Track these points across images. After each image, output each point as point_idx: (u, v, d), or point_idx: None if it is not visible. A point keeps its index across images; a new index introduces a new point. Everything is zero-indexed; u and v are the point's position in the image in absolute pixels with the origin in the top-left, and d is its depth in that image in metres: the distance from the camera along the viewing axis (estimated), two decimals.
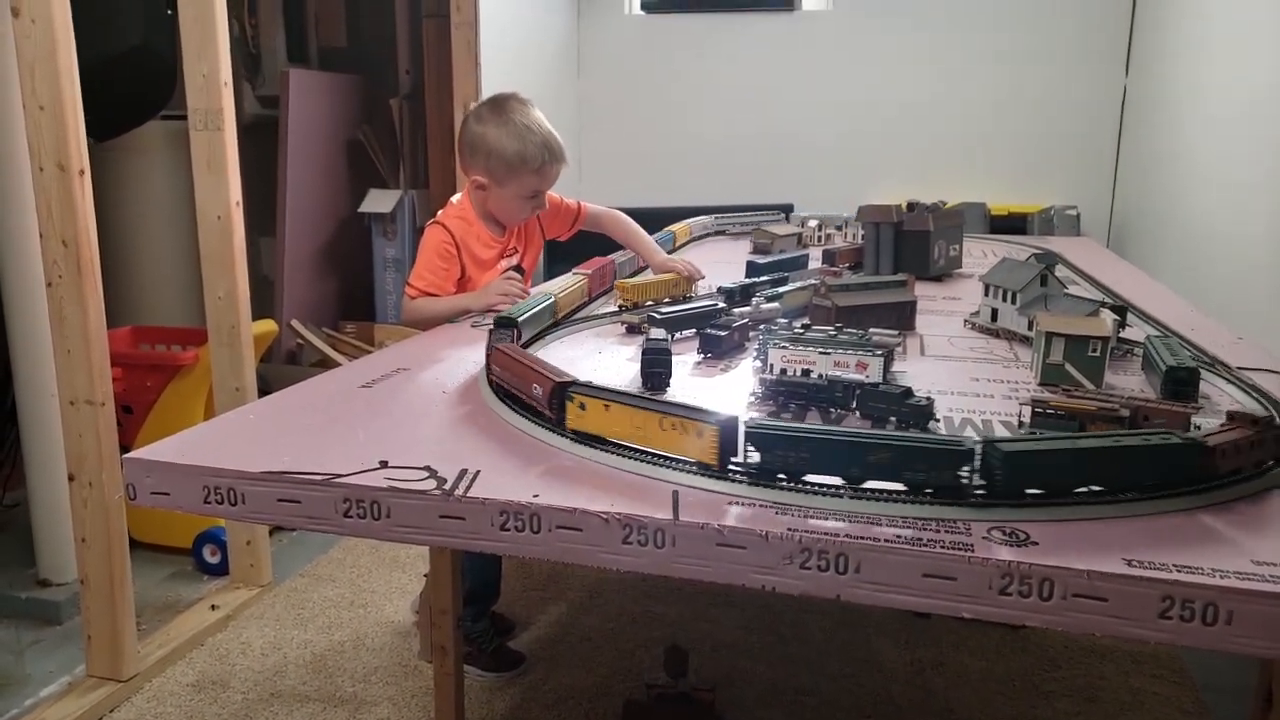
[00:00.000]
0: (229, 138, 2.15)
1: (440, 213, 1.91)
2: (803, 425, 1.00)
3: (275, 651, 2.10)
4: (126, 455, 1.01)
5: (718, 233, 2.96)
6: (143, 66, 2.82)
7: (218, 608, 2.23)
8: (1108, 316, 1.45)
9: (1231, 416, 1.01)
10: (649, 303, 1.77)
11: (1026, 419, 1.10)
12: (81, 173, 1.77)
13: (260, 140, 3.50)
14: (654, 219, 2.28)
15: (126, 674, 1.94)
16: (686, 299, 1.84)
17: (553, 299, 1.61)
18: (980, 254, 2.67)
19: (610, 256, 2.01)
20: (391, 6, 3.65)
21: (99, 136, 2.87)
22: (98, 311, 1.83)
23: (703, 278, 1.96)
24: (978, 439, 0.90)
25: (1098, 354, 1.30)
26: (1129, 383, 1.35)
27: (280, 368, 3.49)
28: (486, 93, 2.97)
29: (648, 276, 1.91)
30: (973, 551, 0.79)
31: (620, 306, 1.77)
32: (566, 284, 1.74)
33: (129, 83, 2.82)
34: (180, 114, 2.27)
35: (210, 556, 2.45)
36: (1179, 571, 0.75)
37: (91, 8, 2.09)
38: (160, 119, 3.11)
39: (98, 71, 2.14)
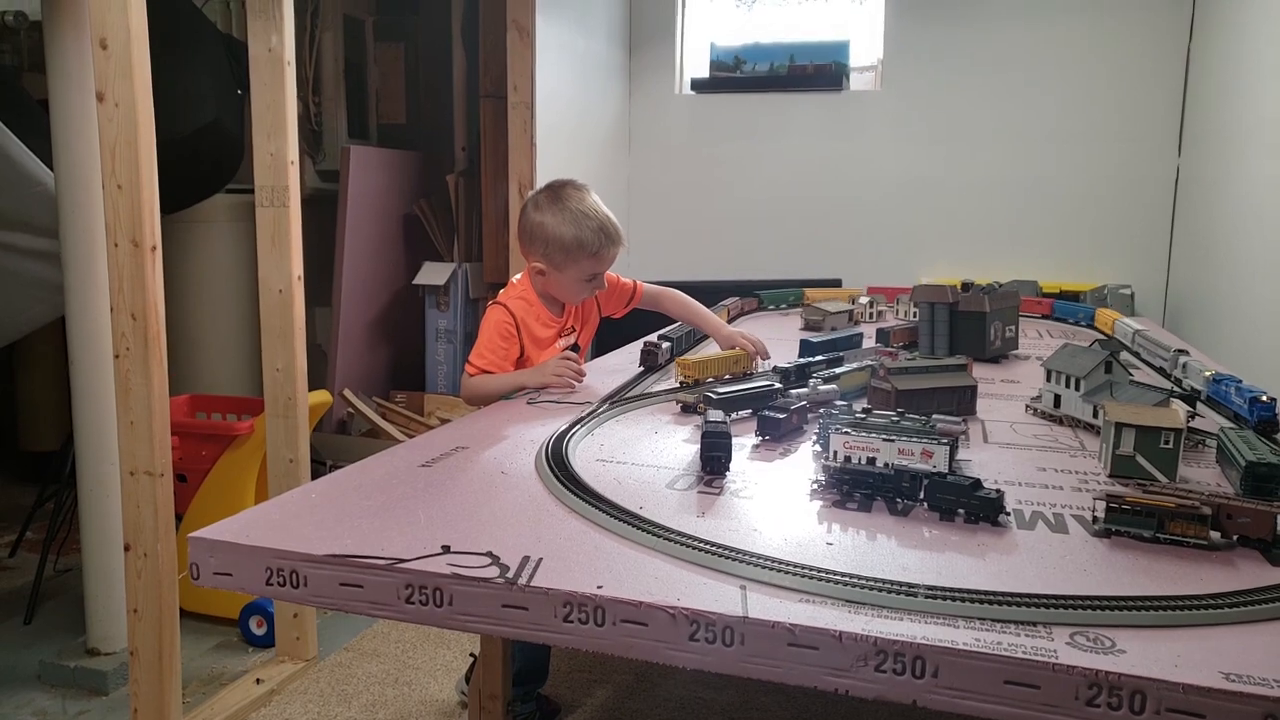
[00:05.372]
0: (294, 214, 2.20)
1: (501, 292, 1.94)
2: None
3: None
4: (191, 535, 1.01)
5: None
6: (213, 143, 2.92)
7: (262, 682, 2.21)
8: (1179, 407, 1.41)
9: None
10: (709, 379, 1.76)
11: (1101, 513, 1.07)
12: (154, 248, 1.82)
13: (319, 213, 3.59)
14: (703, 293, 2.28)
15: None
16: (746, 375, 1.83)
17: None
18: (1035, 334, 2.64)
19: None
20: (450, 86, 3.76)
21: (168, 209, 2.96)
22: (162, 384, 1.86)
23: (768, 358, 1.95)
24: None
25: (1170, 446, 1.26)
26: (1203, 475, 1.31)
27: (330, 436, 3.53)
28: (541, 170, 3.03)
29: (709, 353, 1.90)
30: (1057, 658, 0.76)
31: (680, 383, 1.76)
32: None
33: (200, 159, 2.92)
34: (242, 187, 2.34)
35: (256, 628, 2.45)
36: None
37: (168, 87, 2.17)
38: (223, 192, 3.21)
39: (172, 148, 2.21)
